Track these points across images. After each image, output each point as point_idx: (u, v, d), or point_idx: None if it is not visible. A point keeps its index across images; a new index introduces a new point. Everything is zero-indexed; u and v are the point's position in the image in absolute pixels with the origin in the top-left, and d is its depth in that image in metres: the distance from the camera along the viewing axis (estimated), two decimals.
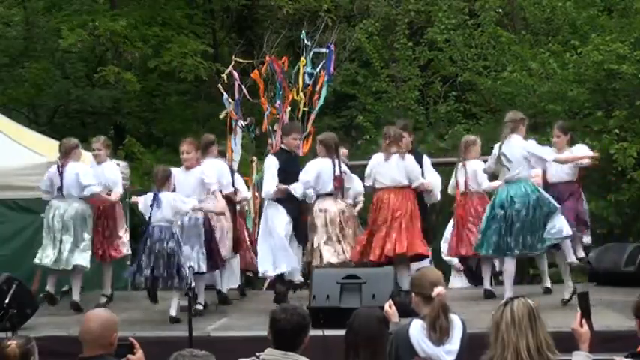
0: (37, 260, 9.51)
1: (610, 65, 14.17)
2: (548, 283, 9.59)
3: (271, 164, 9.54)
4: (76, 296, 9.45)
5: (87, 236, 9.52)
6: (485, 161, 9.50)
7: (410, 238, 8.91)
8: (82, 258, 9.42)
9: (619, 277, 10.10)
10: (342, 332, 4.76)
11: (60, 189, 9.47)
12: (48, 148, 11.45)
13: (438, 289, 4.66)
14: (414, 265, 9.00)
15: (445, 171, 10.66)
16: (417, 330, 4.62)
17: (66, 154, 9.59)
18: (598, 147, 13.78)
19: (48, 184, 9.60)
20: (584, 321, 4.27)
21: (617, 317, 7.63)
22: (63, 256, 9.38)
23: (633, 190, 14.07)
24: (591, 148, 13.62)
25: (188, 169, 9.33)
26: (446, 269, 10.63)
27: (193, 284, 8.45)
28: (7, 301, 8.15)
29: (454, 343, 4.60)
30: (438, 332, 4.57)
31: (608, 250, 10.89)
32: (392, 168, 9.06)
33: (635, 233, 13.97)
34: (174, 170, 9.38)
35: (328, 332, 6.67)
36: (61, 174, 9.47)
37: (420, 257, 9.11)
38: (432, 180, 9.49)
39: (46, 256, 9.42)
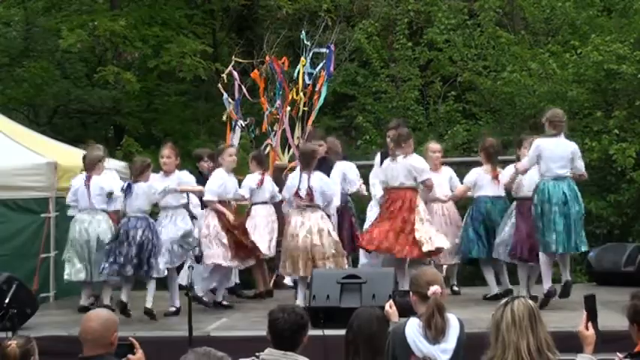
0: (66, 277, 9.49)
1: (610, 65, 14.18)
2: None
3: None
4: (106, 300, 9.35)
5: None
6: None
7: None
8: (109, 272, 9.06)
9: (619, 277, 10.12)
10: (342, 332, 4.76)
11: (85, 202, 9.43)
12: (48, 148, 11.45)
13: (434, 288, 4.65)
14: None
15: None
16: (413, 329, 4.62)
17: (90, 167, 9.56)
18: (598, 147, 13.81)
19: (72, 196, 9.59)
20: (589, 324, 4.27)
21: (617, 317, 7.62)
22: (90, 268, 9.30)
23: (633, 190, 14.08)
24: (591, 148, 13.73)
25: (166, 173, 9.33)
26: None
27: (195, 285, 8.42)
28: (7, 301, 8.15)
29: (450, 342, 4.60)
30: (434, 331, 4.57)
31: (608, 250, 10.90)
32: (398, 169, 9.24)
33: (635, 233, 13.98)
34: (153, 176, 9.31)
35: (328, 332, 6.67)
36: (86, 187, 9.43)
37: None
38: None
39: (75, 271, 9.37)
